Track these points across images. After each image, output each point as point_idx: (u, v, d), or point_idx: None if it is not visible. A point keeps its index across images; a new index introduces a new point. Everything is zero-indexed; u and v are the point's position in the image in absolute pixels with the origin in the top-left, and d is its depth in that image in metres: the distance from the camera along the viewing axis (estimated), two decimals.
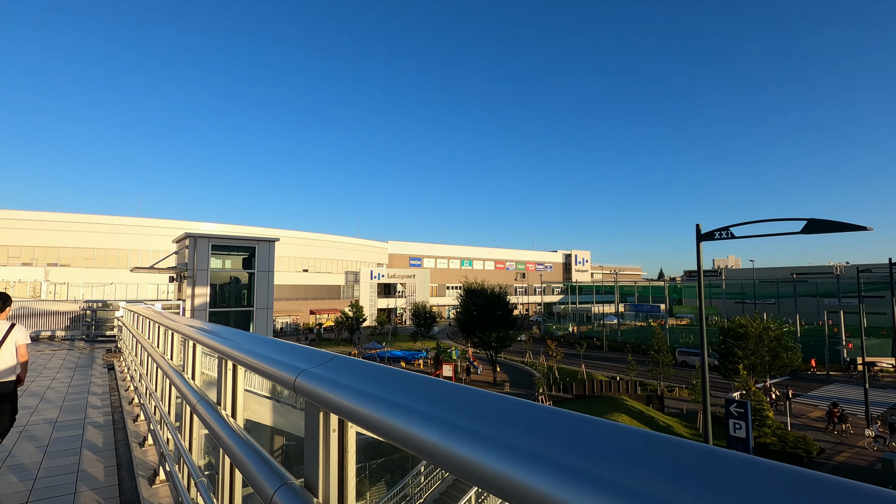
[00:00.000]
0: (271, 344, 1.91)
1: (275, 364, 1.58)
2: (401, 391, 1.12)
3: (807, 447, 25.78)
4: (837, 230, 10.07)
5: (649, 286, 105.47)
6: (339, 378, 1.25)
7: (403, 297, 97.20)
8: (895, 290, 31.24)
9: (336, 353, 1.54)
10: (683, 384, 41.11)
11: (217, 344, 2.29)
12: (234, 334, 2.35)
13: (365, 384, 1.20)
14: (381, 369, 1.27)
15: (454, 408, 0.96)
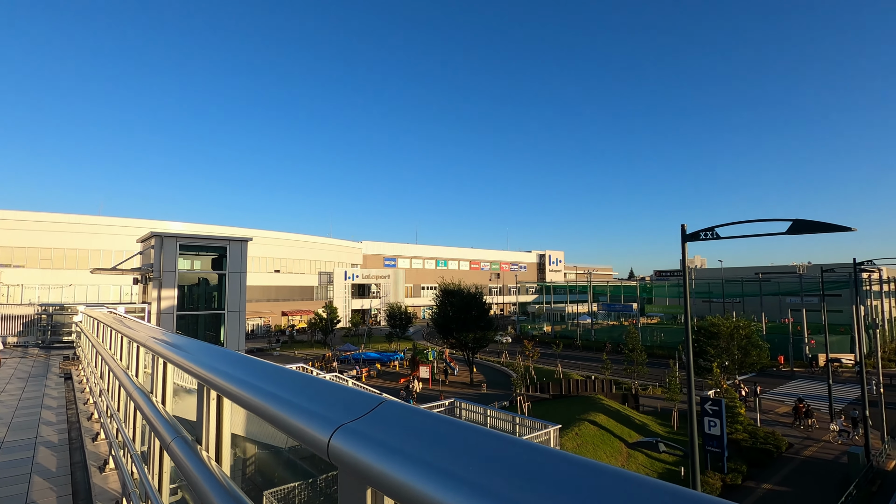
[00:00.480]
0: (277, 375, 1.47)
1: (293, 411, 1.10)
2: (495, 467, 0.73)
3: (776, 442, 26.41)
4: (822, 231, 10.11)
5: (621, 286, 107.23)
6: (400, 442, 0.82)
7: (378, 298, 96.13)
8: (858, 289, 32.44)
9: (383, 396, 1.11)
10: (657, 382, 41.80)
11: (196, 368, 1.84)
12: (220, 356, 1.87)
13: (436, 453, 0.79)
14: (457, 427, 0.86)
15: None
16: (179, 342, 2.48)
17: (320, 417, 0.96)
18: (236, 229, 73.64)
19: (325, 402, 1.05)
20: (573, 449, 23.07)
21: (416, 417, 0.92)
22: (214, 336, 21.52)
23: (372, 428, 0.89)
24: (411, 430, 0.88)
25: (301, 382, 1.29)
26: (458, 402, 22.41)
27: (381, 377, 46.85)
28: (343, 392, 1.11)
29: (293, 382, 1.31)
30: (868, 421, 25.07)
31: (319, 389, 1.17)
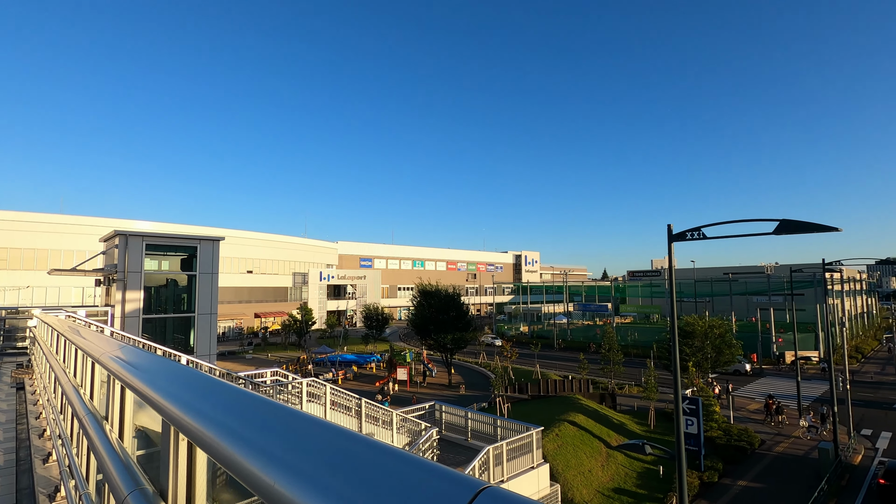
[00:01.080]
0: (291, 425, 1.00)
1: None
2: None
3: (750, 439, 26.90)
4: (808, 231, 10.11)
5: (595, 286, 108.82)
6: None
7: (354, 299, 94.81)
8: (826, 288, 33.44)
9: (484, 483, 0.61)
10: (633, 381, 42.27)
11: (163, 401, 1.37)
12: (199, 389, 1.38)
13: None
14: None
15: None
16: (143, 362, 1.99)
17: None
18: (207, 229, 71.38)
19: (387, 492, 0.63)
20: (553, 450, 22.96)
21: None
22: (184, 340, 20.52)
23: None
24: None
25: (335, 441, 0.84)
26: (438, 405, 22.01)
27: (358, 379, 46.02)
28: (416, 470, 0.66)
29: (319, 439, 0.87)
30: (836, 416, 25.77)
31: (377, 461, 0.71)
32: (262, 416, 1.10)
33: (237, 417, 1.14)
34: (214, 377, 1.62)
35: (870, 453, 25.99)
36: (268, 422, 1.06)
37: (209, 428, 1.15)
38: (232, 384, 1.45)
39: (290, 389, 14.87)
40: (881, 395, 38.61)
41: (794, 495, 20.52)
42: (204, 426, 1.17)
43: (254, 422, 1.08)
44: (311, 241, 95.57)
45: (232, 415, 1.16)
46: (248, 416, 1.13)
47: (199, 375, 1.61)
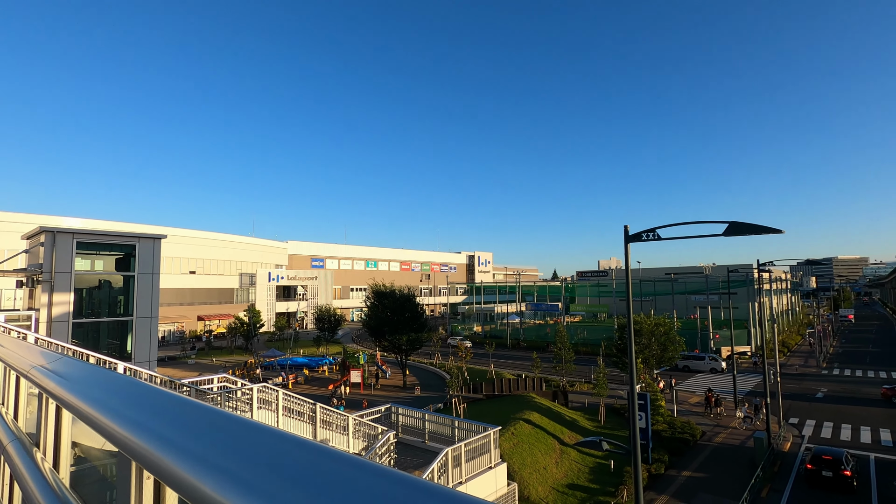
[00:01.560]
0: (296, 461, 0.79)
1: None
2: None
3: (692, 431, 28.27)
4: (754, 233, 10.61)
5: (546, 286, 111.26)
6: None
7: (305, 300, 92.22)
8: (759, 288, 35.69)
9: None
10: (583, 378, 43.50)
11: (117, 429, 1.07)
12: (167, 411, 1.10)
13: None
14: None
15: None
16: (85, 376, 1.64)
17: None
18: (147, 227, 67.12)
19: None
20: (509, 449, 23.15)
21: None
22: (119, 346, 19.05)
23: None
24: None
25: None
26: (394, 407, 21.62)
27: (310, 383, 44.68)
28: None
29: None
30: (769, 407, 27.57)
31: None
32: (253, 445, 0.86)
33: (222, 449, 0.87)
34: (185, 397, 1.32)
35: (797, 440, 27.95)
36: (267, 455, 0.82)
37: (188, 466, 0.88)
38: (210, 405, 1.17)
39: (239, 396, 14.09)
40: (805, 386, 41.75)
41: (734, 482, 21.72)
42: (180, 464, 0.89)
43: (246, 454, 0.83)
44: (260, 241, 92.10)
45: (217, 447, 0.90)
46: (236, 447, 0.87)
47: (164, 394, 1.30)
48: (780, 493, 21.02)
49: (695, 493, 20.84)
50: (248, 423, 1.06)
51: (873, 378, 45.25)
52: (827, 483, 21.15)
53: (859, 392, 39.40)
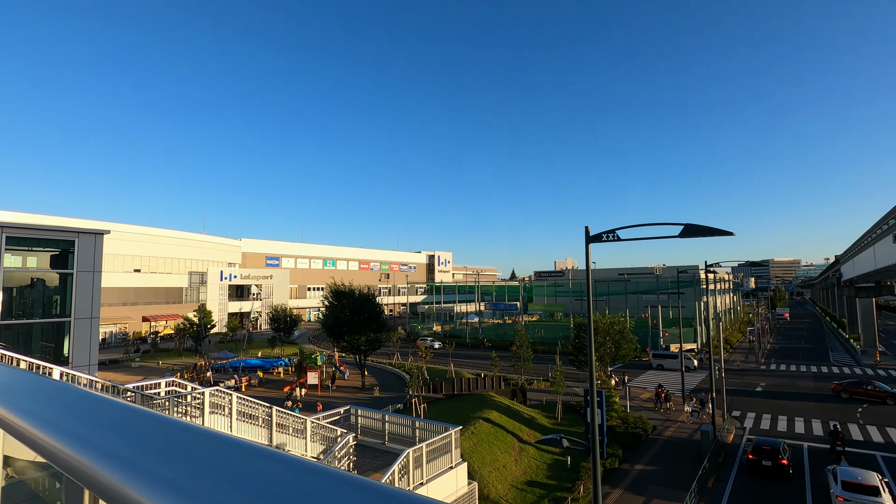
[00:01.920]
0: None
1: None
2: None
3: (644, 426, 29.32)
4: (707, 234, 11.06)
5: (505, 286, 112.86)
6: None
7: (259, 300, 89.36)
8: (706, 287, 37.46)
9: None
10: (541, 377, 44.30)
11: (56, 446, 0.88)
12: (126, 422, 0.92)
13: None
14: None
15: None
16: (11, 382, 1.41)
17: None
18: (87, 222, 62.97)
19: None
20: (469, 448, 23.22)
21: None
22: (55, 349, 17.68)
23: None
24: None
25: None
26: (353, 408, 21.20)
27: (265, 386, 43.27)
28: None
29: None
30: (714, 402, 28.97)
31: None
32: (204, 455, 0.71)
33: (167, 459, 0.72)
34: (126, 403, 1.14)
35: (740, 432, 29.55)
36: (220, 465, 0.67)
37: (128, 479, 0.71)
38: (152, 411, 1.00)
39: (189, 401, 13.37)
40: (746, 381, 44.25)
41: (683, 474, 22.67)
42: (120, 477, 0.72)
43: (196, 465, 0.68)
44: (211, 238, 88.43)
45: (161, 456, 0.74)
46: (184, 456, 0.72)
47: (103, 401, 1.11)
48: (724, 482, 22.12)
49: (647, 486, 21.60)
50: (199, 431, 0.91)
51: (805, 372, 48.55)
52: (766, 472, 22.45)
53: (794, 386, 42.15)
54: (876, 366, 51.12)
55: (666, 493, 20.73)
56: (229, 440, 0.86)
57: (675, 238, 11.88)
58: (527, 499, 20.49)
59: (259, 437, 14.67)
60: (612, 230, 12.09)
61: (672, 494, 20.48)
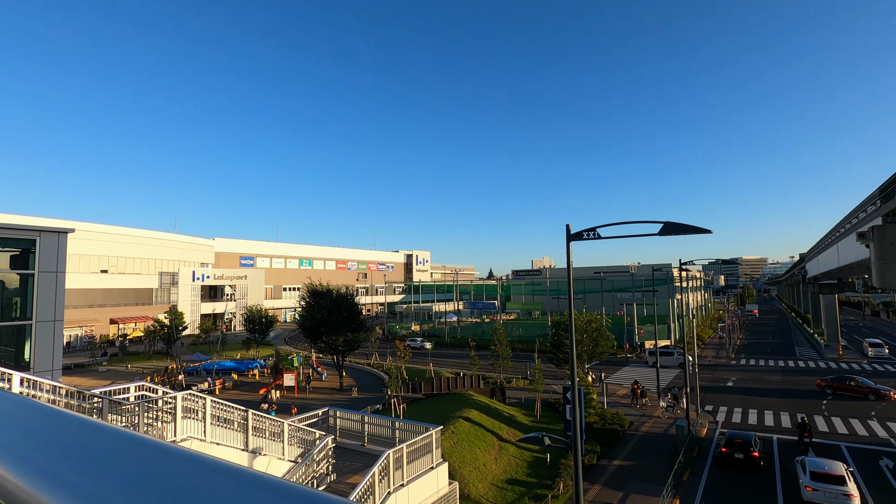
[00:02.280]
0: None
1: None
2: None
3: (621, 422, 29.74)
4: (686, 232, 11.19)
5: (483, 285, 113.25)
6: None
7: (233, 301, 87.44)
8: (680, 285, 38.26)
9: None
10: (520, 375, 44.55)
11: None
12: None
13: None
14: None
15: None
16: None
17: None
18: (51, 220, 60.45)
19: None
20: (450, 448, 23.13)
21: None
22: (15, 353, 16.81)
23: None
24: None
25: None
26: (332, 410, 20.85)
27: (239, 388, 42.34)
28: None
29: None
30: (688, 397, 29.60)
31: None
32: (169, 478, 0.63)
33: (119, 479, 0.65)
34: (66, 412, 0.96)
35: (713, 426, 30.26)
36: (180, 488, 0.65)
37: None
38: (100, 422, 0.84)
39: (160, 406, 12.88)
40: (718, 376, 45.42)
41: (659, 469, 23.07)
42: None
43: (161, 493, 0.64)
44: (183, 238, 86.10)
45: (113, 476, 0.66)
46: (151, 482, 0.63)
47: (43, 410, 0.94)
48: (699, 475, 22.59)
49: (625, 481, 21.89)
50: (171, 451, 0.76)
51: (774, 367, 50.14)
52: (739, 464, 23.04)
53: (763, 380, 43.46)
54: (839, 359, 53.17)
55: (643, 487, 21.05)
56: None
57: (651, 236, 12.00)
58: (507, 497, 20.52)
59: (234, 442, 14.25)
60: (593, 228, 12.14)
61: (649, 489, 20.80)
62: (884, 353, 53.80)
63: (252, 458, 14.55)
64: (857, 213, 36.66)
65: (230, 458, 13.97)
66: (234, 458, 14.10)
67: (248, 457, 14.43)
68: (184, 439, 12.83)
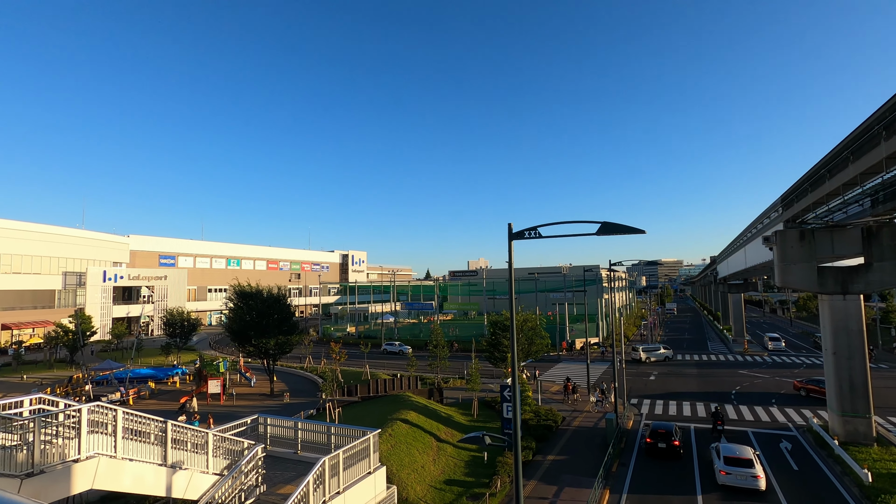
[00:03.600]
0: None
1: None
2: None
3: (554, 418, 30.62)
4: (622, 233, 11.59)
5: (421, 285, 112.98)
6: None
7: (151, 303, 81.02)
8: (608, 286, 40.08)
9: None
10: (457, 374, 44.76)
11: None
12: None
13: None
14: None
15: None
16: None
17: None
18: None
19: None
20: (387, 451, 22.63)
21: None
22: None
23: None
24: None
25: None
26: (261, 417, 19.67)
27: (157, 397, 39.13)
28: None
29: None
30: (616, 391, 31.09)
31: None
32: None
33: None
34: None
35: (637, 418, 31.97)
36: None
37: None
38: None
39: (61, 420, 11.43)
40: (641, 371, 48.22)
41: (590, 461, 23.96)
42: None
43: None
44: (91, 234, 78.56)
45: None
46: None
47: None
48: (626, 466, 23.70)
49: (559, 475, 22.50)
50: None
51: (689, 361, 54.06)
52: (662, 453, 24.46)
53: (681, 373, 46.71)
54: (744, 353, 58.37)
55: (576, 480, 21.72)
56: None
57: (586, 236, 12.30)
58: (445, 498, 20.38)
59: (151, 457, 12.97)
60: (534, 227, 12.25)
61: (581, 481, 21.51)
62: (781, 346, 59.75)
63: (172, 473, 13.33)
64: (763, 219, 40.34)
65: (146, 474, 12.72)
66: (151, 474, 12.85)
67: (167, 472, 13.19)
68: (90, 456, 11.46)
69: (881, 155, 16.56)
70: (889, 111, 16.07)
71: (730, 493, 20.23)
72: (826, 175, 22.46)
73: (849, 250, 25.53)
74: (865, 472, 20.39)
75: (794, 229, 26.96)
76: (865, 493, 19.38)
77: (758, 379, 43.35)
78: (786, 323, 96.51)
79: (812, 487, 20.69)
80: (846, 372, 25.58)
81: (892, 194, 19.59)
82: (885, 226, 24.60)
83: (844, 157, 20.15)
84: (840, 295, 25.79)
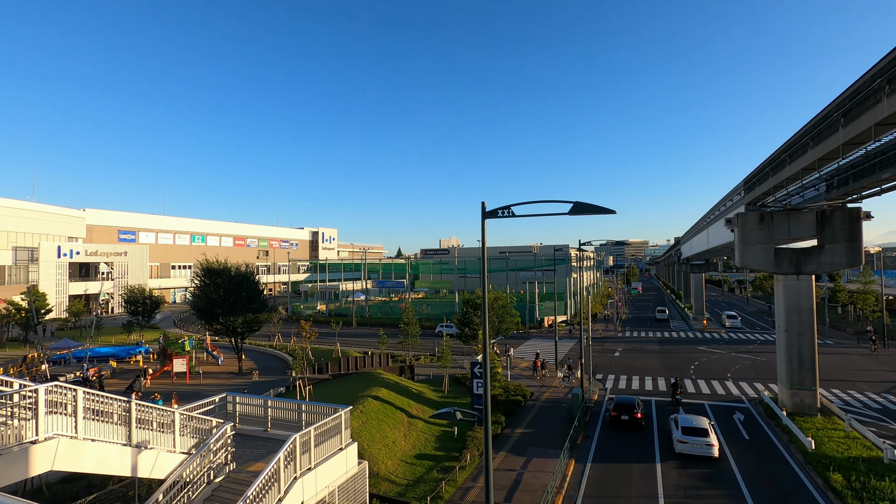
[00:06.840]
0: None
1: None
2: None
3: (523, 393, 31.41)
4: (594, 212, 11.77)
5: (392, 263, 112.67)
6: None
7: (111, 280, 78.06)
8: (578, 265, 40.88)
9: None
10: (428, 352, 45.18)
11: None
12: None
13: None
14: None
15: None
16: None
17: None
18: None
19: None
20: (358, 427, 22.80)
21: None
22: None
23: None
24: None
25: None
26: (230, 396, 19.40)
27: (119, 376, 38.05)
28: None
29: None
30: (583, 366, 32.07)
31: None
32: None
33: None
34: None
35: (602, 392, 33.16)
36: None
37: None
38: None
39: (17, 401, 10.96)
40: (607, 347, 49.81)
41: (557, 434, 24.79)
42: None
43: None
44: (43, 207, 74.58)
45: None
46: None
47: None
48: (591, 438, 24.64)
49: (527, 447, 23.21)
50: None
51: (652, 338, 56.12)
52: (624, 425, 25.53)
53: (644, 349, 48.49)
54: (703, 330, 60.99)
55: (543, 452, 22.47)
56: None
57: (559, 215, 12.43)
58: (416, 472, 20.76)
59: (115, 436, 12.65)
60: (507, 206, 12.27)
61: (548, 453, 22.26)
62: (738, 324, 62.64)
63: (137, 453, 13.05)
64: (725, 201, 41.68)
65: (110, 454, 12.42)
66: (115, 454, 12.56)
67: (131, 452, 12.91)
68: (49, 437, 11.08)
69: (839, 141, 17.25)
70: (847, 100, 16.69)
71: (686, 460, 21.36)
72: (787, 159, 23.29)
73: (804, 233, 26.75)
74: (809, 440, 21.84)
75: (754, 212, 28.00)
76: (808, 459, 20.79)
77: (715, 355, 45.44)
78: (742, 301, 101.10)
79: (761, 454, 22.05)
80: (796, 348, 27.09)
81: (846, 179, 20.52)
82: (838, 210, 25.84)
83: (804, 142, 20.91)
84: (794, 275, 27.10)
